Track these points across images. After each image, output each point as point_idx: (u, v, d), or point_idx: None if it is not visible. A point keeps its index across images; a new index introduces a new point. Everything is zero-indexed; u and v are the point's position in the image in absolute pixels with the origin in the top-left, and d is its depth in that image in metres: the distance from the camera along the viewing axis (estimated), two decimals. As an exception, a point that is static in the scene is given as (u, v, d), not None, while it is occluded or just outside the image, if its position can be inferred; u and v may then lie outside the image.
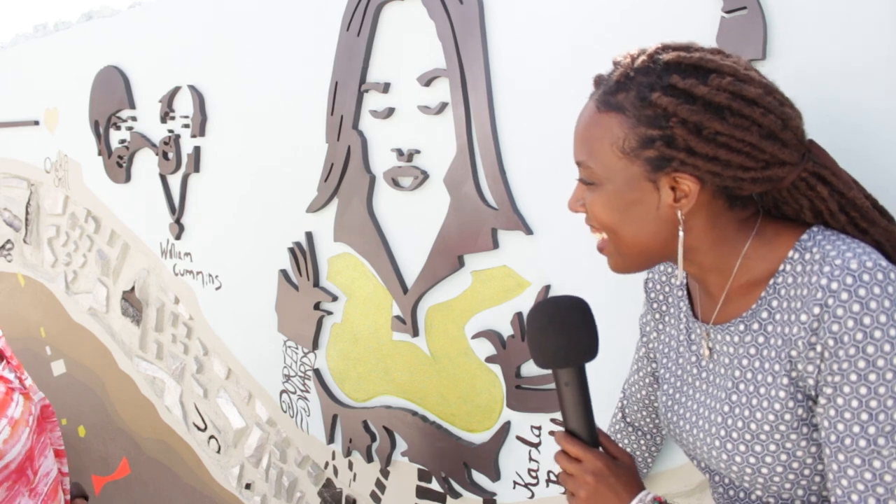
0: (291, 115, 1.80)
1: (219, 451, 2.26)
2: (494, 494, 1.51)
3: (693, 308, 0.92)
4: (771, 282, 0.79)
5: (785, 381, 0.76)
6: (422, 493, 1.66)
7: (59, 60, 2.63)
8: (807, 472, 0.78)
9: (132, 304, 2.50)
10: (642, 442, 1.16)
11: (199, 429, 2.33)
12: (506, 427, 1.45)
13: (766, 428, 0.78)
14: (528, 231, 1.35)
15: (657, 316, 1.01)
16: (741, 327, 0.82)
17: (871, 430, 0.69)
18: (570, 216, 1.29)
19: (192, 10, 2.06)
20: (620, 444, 1.15)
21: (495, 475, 1.49)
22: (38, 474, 1.19)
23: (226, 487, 2.26)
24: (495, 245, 1.40)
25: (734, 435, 0.81)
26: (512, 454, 1.46)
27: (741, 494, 0.87)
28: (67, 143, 2.66)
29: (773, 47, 0.99)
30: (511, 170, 1.37)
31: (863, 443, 0.69)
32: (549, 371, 1.35)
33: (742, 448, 0.80)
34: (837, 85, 0.94)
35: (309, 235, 1.81)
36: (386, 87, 1.56)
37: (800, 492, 0.80)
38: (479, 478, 1.53)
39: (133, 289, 2.48)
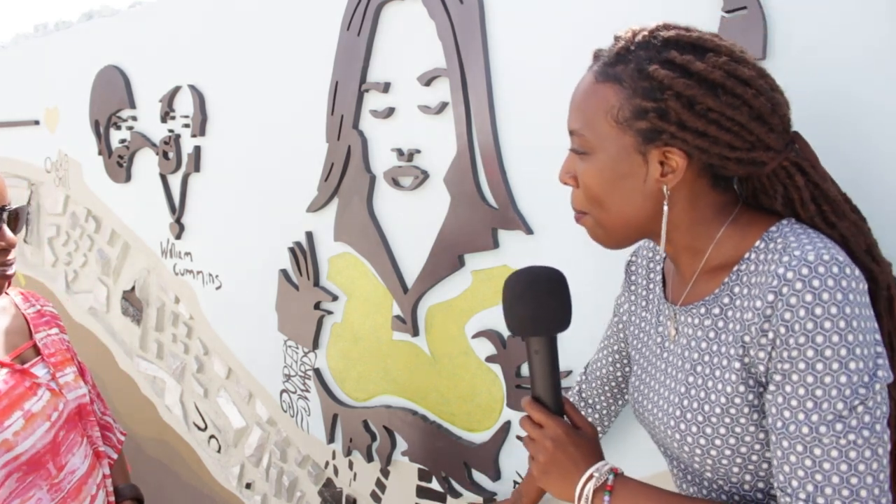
0: (291, 114, 1.80)
1: (219, 451, 2.26)
2: (495, 494, 1.51)
3: (665, 291, 0.94)
4: (735, 268, 0.80)
5: (737, 365, 0.78)
6: (422, 492, 1.66)
7: (60, 60, 2.63)
8: (754, 457, 0.80)
9: (132, 304, 2.50)
10: (593, 418, 1.18)
11: (199, 428, 2.33)
12: (506, 427, 1.45)
13: (718, 411, 0.79)
14: (529, 231, 1.35)
15: (633, 298, 1.03)
16: (702, 310, 0.83)
17: (815, 417, 0.70)
18: (570, 216, 1.29)
19: (192, 10, 2.06)
20: None
21: (495, 475, 1.49)
22: (64, 470, 1.20)
23: (226, 487, 2.26)
24: (495, 244, 1.40)
25: (688, 416, 0.83)
26: (512, 454, 1.46)
27: (697, 479, 0.88)
28: (68, 142, 2.66)
29: (773, 47, 1.00)
30: (511, 169, 1.37)
31: (805, 430, 0.71)
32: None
33: (694, 429, 0.82)
34: (837, 85, 0.94)
35: (309, 235, 1.81)
36: (386, 87, 1.56)
37: (748, 476, 0.81)
38: (480, 477, 1.53)
39: (133, 288, 2.48)
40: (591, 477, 0.82)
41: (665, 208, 0.81)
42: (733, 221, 0.82)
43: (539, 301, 0.87)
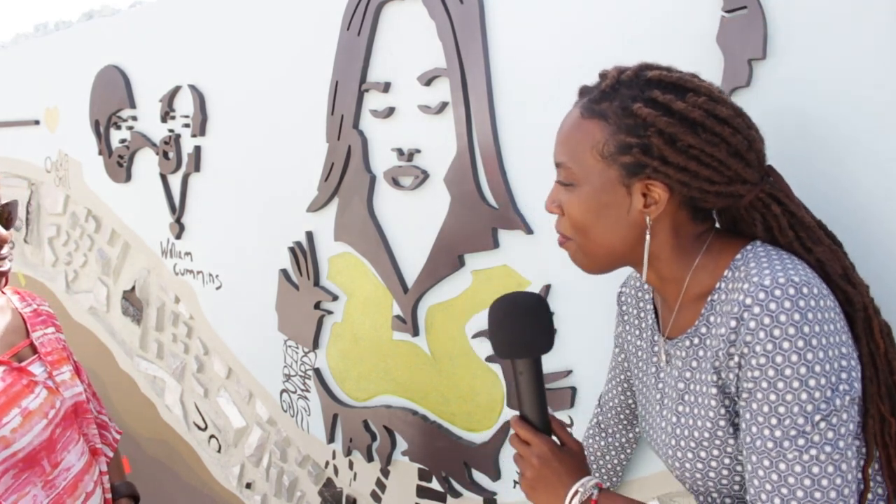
0: (292, 114, 1.80)
1: (219, 451, 2.27)
2: (495, 494, 1.51)
3: (658, 322, 0.98)
4: (709, 298, 0.85)
5: (714, 391, 0.83)
6: (422, 492, 1.66)
7: (60, 60, 2.63)
8: None
9: (132, 304, 2.50)
10: (612, 449, 1.20)
11: (199, 428, 2.33)
12: (506, 426, 1.45)
13: (707, 435, 0.84)
14: (529, 230, 1.35)
15: (627, 328, 1.06)
16: (686, 342, 0.88)
17: (778, 433, 0.74)
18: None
19: (192, 9, 2.06)
20: (591, 448, 1.20)
21: (496, 474, 1.49)
22: (59, 468, 1.21)
23: (226, 487, 2.26)
24: (495, 244, 1.40)
25: (682, 443, 0.88)
26: (512, 453, 1.46)
27: (709, 499, 0.91)
28: (68, 142, 2.66)
29: (773, 47, 1.00)
30: (511, 169, 1.37)
31: (770, 445, 0.75)
32: (550, 370, 1.36)
33: (690, 455, 0.87)
34: (837, 84, 0.94)
35: (309, 235, 1.81)
36: (386, 87, 1.56)
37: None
38: (480, 477, 1.53)
39: (133, 288, 2.48)
40: (576, 492, 0.86)
41: (647, 237, 0.85)
42: (707, 250, 0.87)
43: (520, 326, 0.92)
